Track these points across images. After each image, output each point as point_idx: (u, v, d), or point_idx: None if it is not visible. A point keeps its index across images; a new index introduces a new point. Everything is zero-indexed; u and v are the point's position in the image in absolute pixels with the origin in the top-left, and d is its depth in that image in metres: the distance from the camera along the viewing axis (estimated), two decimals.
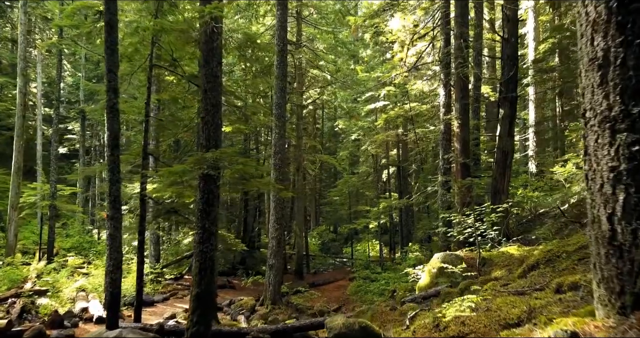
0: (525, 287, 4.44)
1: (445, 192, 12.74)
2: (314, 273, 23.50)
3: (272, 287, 14.08)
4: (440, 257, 8.62)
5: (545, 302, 3.27)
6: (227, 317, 12.91)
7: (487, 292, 4.82)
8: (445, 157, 12.81)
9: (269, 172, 12.43)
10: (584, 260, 4.94)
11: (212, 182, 6.90)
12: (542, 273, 5.10)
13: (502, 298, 3.87)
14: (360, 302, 16.31)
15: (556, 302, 3.17)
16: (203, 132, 7.02)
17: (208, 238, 6.85)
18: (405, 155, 26.09)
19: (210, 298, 6.80)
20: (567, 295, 3.21)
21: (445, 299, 6.96)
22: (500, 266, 7.81)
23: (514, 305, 3.48)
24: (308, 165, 26.86)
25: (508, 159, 12.28)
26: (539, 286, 4.29)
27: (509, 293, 4.11)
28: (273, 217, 14.34)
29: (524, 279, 5.25)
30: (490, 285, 5.28)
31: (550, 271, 5.07)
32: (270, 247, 14.33)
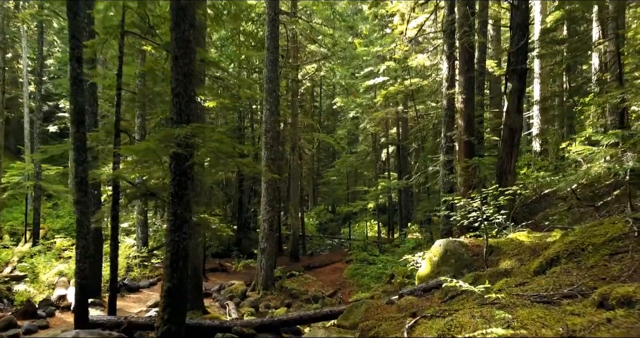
0: (549, 290, 3.64)
1: (447, 172, 11.91)
2: (311, 255, 22.90)
3: (264, 271, 13.42)
4: (443, 244, 7.85)
5: (588, 321, 2.47)
6: (216, 304, 12.25)
7: (502, 293, 4.03)
8: (448, 134, 11.94)
9: (255, 152, 11.54)
10: (617, 255, 4.14)
11: (184, 162, 6.05)
12: (565, 270, 4.31)
13: (524, 309, 3.08)
14: (356, 286, 15.68)
15: (604, 323, 2.37)
16: (174, 106, 6.13)
17: (180, 226, 6.04)
18: (405, 133, 25.17)
19: (184, 293, 6.04)
20: (618, 314, 2.41)
21: (448, 294, 6.21)
22: (510, 255, 7.03)
23: (544, 322, 2.68)
24: (304, 144, 25.99)
25: (516, 136, 11.40)
26: (567, 290, 3.49)
27: (532, 301, 3.31)
28: (265, 199, 13.56)
29: (543, 277, 4.46)
30: (503, 283, 4.49)
31: (575, 268, 4.28)
32: (262, 230, 13.60)
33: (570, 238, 4.96)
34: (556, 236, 7.11)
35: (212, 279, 15.89)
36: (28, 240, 18.76)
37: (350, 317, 6.64)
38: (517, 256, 6.83)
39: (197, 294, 10.58)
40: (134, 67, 11.06)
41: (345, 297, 14.67)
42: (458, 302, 5.70)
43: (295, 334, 7.80)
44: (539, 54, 15.90)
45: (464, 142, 11.59)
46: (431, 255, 8.03)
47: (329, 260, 20.46)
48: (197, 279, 10.55)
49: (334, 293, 14.87)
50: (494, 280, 5.81)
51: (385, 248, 18.81)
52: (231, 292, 12.98)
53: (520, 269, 5.88)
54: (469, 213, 8.31)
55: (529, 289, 3.89)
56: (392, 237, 24.63)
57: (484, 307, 3.43)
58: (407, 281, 11.70)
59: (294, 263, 19.81)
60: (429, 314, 3.96)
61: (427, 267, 7.98)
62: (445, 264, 7.60)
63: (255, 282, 13.61)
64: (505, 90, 11.87)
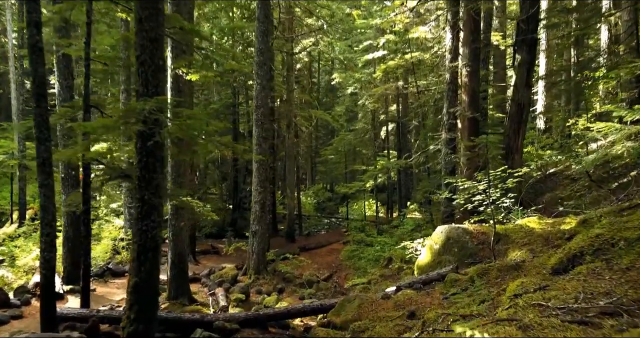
0: (580, 300, 2.95)
1: (449, 151, 11.16)
2: (307, 235, 22.33)
3: (255, 255, 12.80)
4: (445, 230, 7.16)
5: None
6: (205, 290, 11.67)
7: (519, 300, 3.33)
8: (451, 110, 11.13)
9: (249, 129, 10.74)
10: None
11: (151, 142, 5.29)
12: (593, 271, 3.60)
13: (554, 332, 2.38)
14: (353, 269, 15.12)
15: None
16: (139, 76, 5.32)
17: (149, 214, 5.32)
18: (406, 110, 24.27)
19: (153, 289, 5.37)
20: None
21: (451, 289, 5.54)
22: (519, 244, 6.35)
23: None
24: (301, 122, 25.12)
25: (524, 113, 10.62)
26: (604, 302, 2.79)
27: (562, 320, 2.61)
28: (256, 180, 12.83)
29: (565, 278, 3.76)
30: (519, 286, 3.79)
31: (606, 269, 3.58)
32: (253, 212, 12.92)
33: (596, 231, 4.25)
34: (571, 223, 6.42)
35: (203, 262, 15.32)
36: (15, 221, 18.15)
37: (342, 313, 6.00)
38: (528, 246, 6.14)
39: (182, 281, 9.98)
40: (113, 36, 10.15)
41: (341, 281, 14.12)
42: (463, 299, 5.03)
43: (283, 328, 7.19)
44: (548, 23, 14.87)
45: (468, 118, 10.80)
46: (432, 242, 7.35)
47: (325, 241, 19.89)
48: (182, 265, 9.93)
49: (330, 277, 14.31)
50: (503, 275, 5.13)
51: (383, 230, 18.20)
52: (221, 276, 12.39)
53: (534, 263, 5.19)
54: (473, 197, 7.61)
55: (553, 297, 3.19)
56: (391, 217, 24.03)
57: (500, 326, 2.72)
58: (405, 266, 11.11)
59: (290, 244, 19.26)
60: (431, 327, 3.26)
61: (428, 255, 7.31)
62: (448, 253, 6.94)
63: (247, 266, 13.02)
64: (513, 62, 11.01)
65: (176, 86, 9.76)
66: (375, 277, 12.94)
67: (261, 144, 12.67)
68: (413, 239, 14.49)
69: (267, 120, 12.88)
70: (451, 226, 7.21)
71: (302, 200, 30.47)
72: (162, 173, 5.48)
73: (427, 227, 15.71)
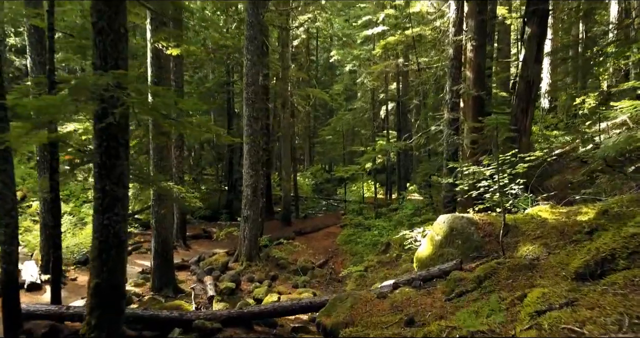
0: (625, 328, 2.31)
1: (451, 132, 10.43)
2: (304, 218, 21.76)
3: (247, 241, 12.22)
4: (447, 220, 6.51)
5: None
6: (193, 278, 11.12)
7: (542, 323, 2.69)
8: (454, 88, 10.36)
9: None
10: None
11: (112, 123, 4.58)
12: (632, 282, 2.95)
13: None
14: (350, 254, 14.58)
15: None
16: (96, 47, 4.58)
17: (111, 206, 4.65)
18: (406, 89, 23.40)
19: (118, 291, 4.74)
20: None
21: (455, 290, 4.91)
22: (531, 237, 5.70)
23: None
24: (298, 101, 24.29)
25: (533, 90, 9.87)
26: None
27: None
28: (247, 162, 12.15)
29: (595, 288, 3.10)
30: (539, 298, 3.14)
31: None
32: (245, 197, 12.28)
33: (630, 230, 3.58)
34: (588, 213, 5.76)
35: (195, 247, 14.76)
36: None
37: (333, 314, 5.39)
38: (541, 239, 5.49)
39: (167, 270, 9.41)
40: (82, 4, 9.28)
41: (337, 267, 13.58)
42: (469, 304, 4.41)
43: (269, 327, 6.62)
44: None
45: (473, 97, 10.05)
46: (433, 233, 6.71)
47: (322, 224, 19.33)
48: (167, 254, 9.33)
49: (325, 263, 13.77)
50: (515, 276, 4.49)
51: (381, 213, 17.60)
52: (211, 264, 11.83)
53: (550, 261, 4.54)
54: (478, 182, 6.95)
55: (588, 320, 2.54)
56: (390, 198, 23.43)
57: None
58: (403, 254, 10.52)
59: (286, 228, 18.71)
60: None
61: (428, 247, 6.68)
62: (450, 245, 6.30)
63: (239, 253, 12.45)
64: (522, 35, 10.20)
65: (157, 62, 8.98)
66: (372, 264, 12.39)
67: (252, 124, 11.94)
68: (412, 224, 13.91)
69: (259, 99, 12.11)
70: (455, 215, 6.56)
71: (300, 182, 29.86)
72: (127, 159, 4.79)
73: (427, 210, 15.11)
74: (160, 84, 9.03)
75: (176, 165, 14.23)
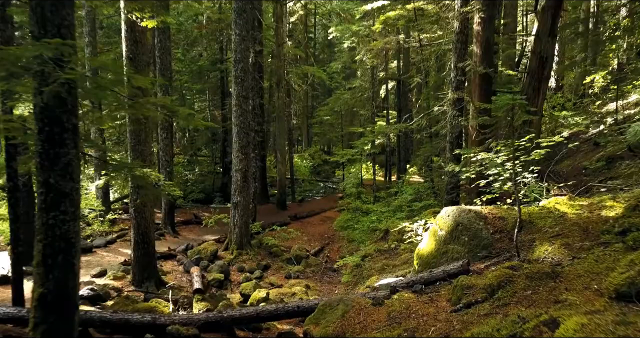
0: None
1: (456, 113, 9.63)
2: (301, 201, 21.12)
3: (237, 228, 11.56)
4: (452, 214, 5.79)
5: None
6: (180, 269, 10.49)
7: None
8: (460, 65, 9.51)
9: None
10: None
11: (56, 103, 3.81)
12: None
13: None
14: (346, 241, 13.95)
15: None
16: (33, 12, 3.77)
17: (57, 203, 3.91)
18: (407, 67, 22.47)
19: (69, 303, 4.04)
20: None
21: (463, 299, 4.23)
22: (549, 235, 4.99)
23: None
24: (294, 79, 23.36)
25: (546, 67, 9.04)
26: None
27: None
28: (236, 145, 11.39)
29: None
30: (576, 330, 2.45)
31: None
32: (234, 182, 11.56)
33: None
34: (614, 207, 5.04)
35: (184, 234, 14.12)
36: None
37: (322, 322, 4.73)
38: (561, 238, 4.78)
39: (148, 263, 8.73)
40: None
41: (332, 255, 12.97)
42: (480, 320, 3.72)
43: (253, 331, 5.97)
44: None
45: (480, 75, 9.22)
46: (436, 227, 6.00)
47: (319, 208, 18.69)
48: (147, 245, 8.65)
49: (321, 251, 13.15)
50: (535, 287, 3.80)
51: (380, 197, 16.92)
52: (199, 252, 11.17)
53: (577, 269, 3.83)
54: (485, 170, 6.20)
55: None
56: (389, 180, 22.74)
57: None
58: (402, 246, 9.85)
59: (281, 212, 18.07)
60: None
61: (431, 243, 5.98)
62: (456, 242, 5.60)
63: (229, 240, 11.80)
64: (535, 6, 9.30)
65: (131, 35, 8.13)
66: (370, 252, 11.76)
67: (241, 104, 11.13)
68: (412, 211, 13.24)
69: (249, 77, 11.25)
70: (461, 208, 5.83)
71: (297, 163, 29.12)
72: (76, 147, 4.02)
73: (428, 194, 14.42)
74: (136, 60, 8.21)
75: (163, 148, 13.48)
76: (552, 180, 7.75)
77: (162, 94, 13.12)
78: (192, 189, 21.21)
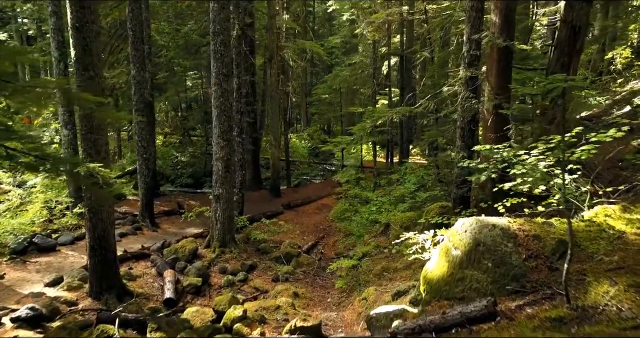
0: None
1: (469, 94, 8.21)
2: (296, 187, 19.84)
3: (220, 224, 10.32)
4: (471, 229, 4.46)
5: None
6: (152, 272, 9.27)
7: None
8: (474, 37, 8.03)
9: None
10: None
11: None
12: None
13: None
14: (343, 234, 12.68)
15: None
16: None
17: None
18: (411, 42, 20.77)
19: None
20: None
21: None
22: (605, 267, 3.67)
23: None
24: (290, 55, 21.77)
25: (579, 39, 7.57)
26: None
27: None
28: (217, 130, 10.02)
29: None
30: None
31: None
32: (215, 172, 10.24)
33: None
34: None
35: (165, 227, 12.86)
36: None
37: None
38: (626, 273, 3.46)
39: (108, 271, 7.49)
40: None
41: (327, 251, 11.75)
42: None
43: None
44: None
45: (499, 48, 7.74)
46: (449, 244, 4.67)
47: (315, 194, 17.42)
48: (106, 251, 7.39)
49: (314, 246, 11.94)
50: None
51: (380, 184, 15.61)
52: (177, 251, 9.95)
53: None
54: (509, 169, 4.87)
55: None
56: (391, 163, 21.37)
57: None
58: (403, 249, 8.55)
59: (274, 200, 16.81)
60: None
61: (442, 264, 4.67)
62: (475, 267, 4.29)
63: (210, 237, 10.56)
64: None
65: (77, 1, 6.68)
66: (368, 249, 10.54)
67: (222, 83, 9.71)
68: (415, 202, 11.94)
69: (228, 51, 9.77)
70: (481, 222, 4.49)
71: (295, 144, 27.71)
72: None
73: (433, 183, 13.07)
74: (83, 30, 6.77)
75: (138, 132, 12.10)
76: (584, 176, 6.38)
77: (135, 71, 11.68)
78: (182, 173, 19.91)
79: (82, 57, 6.81)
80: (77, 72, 6.80)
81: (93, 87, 6.86)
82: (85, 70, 6.83)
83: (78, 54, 6.79)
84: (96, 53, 6.95)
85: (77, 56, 6.80)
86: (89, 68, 6.84)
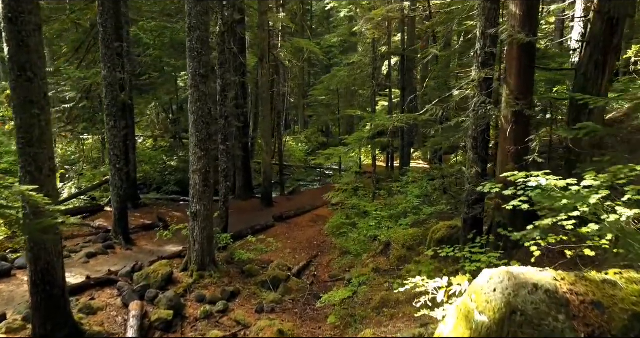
0: None
1: (484, 99, 7.00)
2: (291, 194, 18.64)
3: (198, 244, 9.13)
4: (503, 287, 3.24)
5: None
6: (117, 302, 8.06)
7: None
8: (490, 32, 6.83)
9: None
10: None
11: None
12: None
13: None
14: (339, 252, 11.43)
15: None
16: None
17: None
18: (413, 40, 19.58)
19: None
20: None
21: None
22: None
23: None
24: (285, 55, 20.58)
25: (616, 34, 6.38)
26: None
27: None
28: (194, 138, 8.82)
29: None
30: None
31: None
32: (192, 186, 9.05)
33: None
34: None
35: (141, 244, 11.65)
36: None
37: None
38: None
39: (54, 309, 6.30)
40: None
41: (321, 273, 10.57)
42: None
43: None
44: None
45: (520, 45, 6.54)
46: (471, 306, 3.45)
47: (310, 204, 16.20)
48: (51, 287, 6.20)
49: (306, 267, 10.75)
50: None
51: (380, 194, 14.40)
52: (147, 276, 8.74)
53: None
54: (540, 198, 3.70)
55: None
56: (391, 168, 20.20)
57: None
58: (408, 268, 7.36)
59: (265, 210, 15.62)
60: None
61: (462, 331, 3.45)
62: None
63: (188, 259, 9.36)
64: None
65: None
66: (366, 272, 9.37)
67: (199, 85, 8.52)
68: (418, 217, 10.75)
69: (206, 48, 8.56)
70: (516, 278, 3.27)
71: (292, 147, 26.58)
72: None
73: (438, 196, 11.88)
74: (19, 22, 5.58)
75: (111, 140, 10.90)
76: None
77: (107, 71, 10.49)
78: (168, 180, 18.69)
79: (17, 55, 5.62)
80: (12, 72, 5.61)
81: (32, 91, 5.68)
82: (22, 70, 5.64)
83: (12, 51, 5.60)
84: (36, 50, 5.75)
85: (11, 53, 5.61)
86: (25, 68, 5.65)
